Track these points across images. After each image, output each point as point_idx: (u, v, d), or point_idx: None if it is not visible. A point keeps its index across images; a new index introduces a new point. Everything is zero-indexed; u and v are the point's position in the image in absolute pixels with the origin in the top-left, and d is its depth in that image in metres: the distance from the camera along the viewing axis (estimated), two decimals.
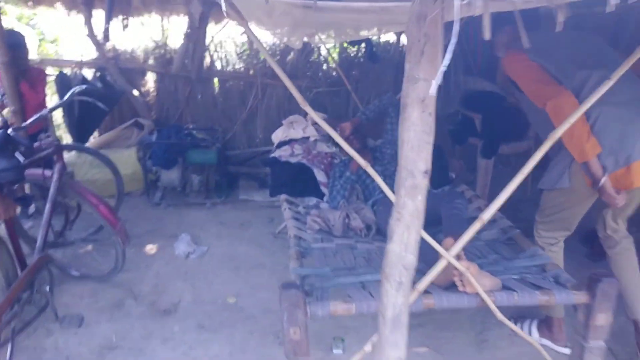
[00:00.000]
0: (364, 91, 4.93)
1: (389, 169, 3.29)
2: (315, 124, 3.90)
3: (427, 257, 2.38)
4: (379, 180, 1.74)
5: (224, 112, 5.12)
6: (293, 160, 3.58)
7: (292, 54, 4.88)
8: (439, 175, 3.46)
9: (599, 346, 1.99)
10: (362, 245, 2.70)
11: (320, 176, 3.46)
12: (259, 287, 3.22)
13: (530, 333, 2.62)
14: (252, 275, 3.36)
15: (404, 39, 4.92)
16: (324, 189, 3.40)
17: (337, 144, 3.57)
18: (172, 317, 2.88)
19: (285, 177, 3.41)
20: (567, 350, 2.52)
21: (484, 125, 4.41)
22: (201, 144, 4.57)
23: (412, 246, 1.35)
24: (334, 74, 4.95)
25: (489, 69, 4.61)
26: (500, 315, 1.94)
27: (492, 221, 2.83)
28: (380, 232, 2.90)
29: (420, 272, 2.39)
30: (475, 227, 1.78)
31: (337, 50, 5.00)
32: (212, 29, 4.91)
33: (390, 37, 4.99)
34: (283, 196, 3.30)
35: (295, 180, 3.39)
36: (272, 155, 3.72)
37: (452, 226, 2.40)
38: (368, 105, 3.49)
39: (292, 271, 2.25)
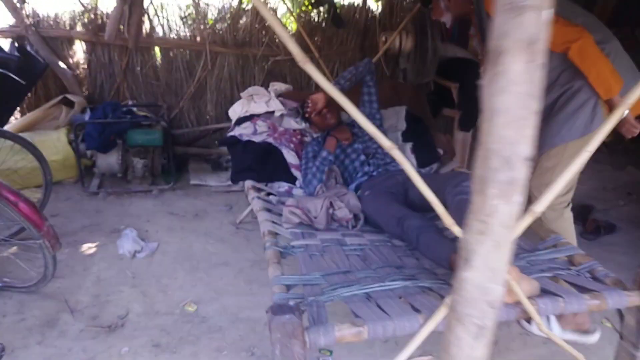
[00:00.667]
0: (327, 59, 4.44)
1: (371, 146, 2.85)
2: (280, 96, 3.39)
3: (435, 253, 1.99)
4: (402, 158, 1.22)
5: (168, 86, 4.50)
6: (257, 139, 3.07)
7: (244, 18, 4.31)
8: (426, 152, 3.06)
9: None
10: (352, 239, 2.26)
11: (290, 157, 2.98)
12: (223, 290, 2.73)
13: (550, 327, 2.26)
14: (213, 277, 2.86)
15: (371, 1, 4.45)
16: (295, 172, 2.93)
17: (308, 119, 3.09)
18: (119, 335, 2.35)
19: (249, 159, 2.90)
20: (596, 337, 2.20)
21: (462, 95, 4.05)
22: (143, 123, 3.97)
23: (501, 273, 0.90)
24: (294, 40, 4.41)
25: (460, 34, 4.23)
26: (544, 329, 1.55)
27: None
28: (368, 221, 2.47)
29: (427, 271, 2.01)
30: (526, 221, 1.36)
31: (297, 12, 4.46)
32: None
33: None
34: (248, 183, 2.80)
35: (261, 163, 2.89)
36: (231, 133, 3.19)
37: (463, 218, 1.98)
38: (341, 73, 3.01)
39: (273, 281, 1.78)
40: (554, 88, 2.26)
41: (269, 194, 2.77)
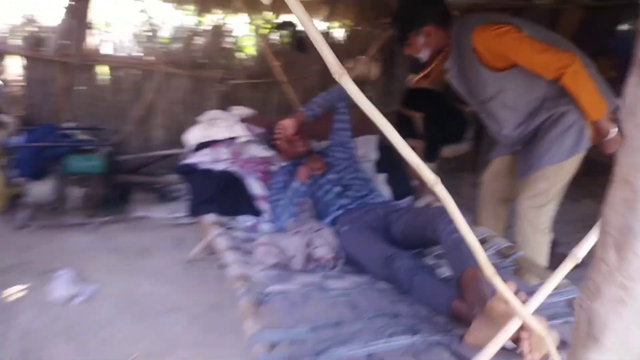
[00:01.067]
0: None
1: (346, 177, 2.61)
2: (244, 121, 3.11)
3: (434, 299, 1.75)
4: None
5: (114, 108, 4.11)
6: (218, 167, 2.76)
7: (201, 38, 4.03)
8: (401, 184, 2.85)
9: None
10: (334, 282, 1.99)
11: (256, 188, 2.68)
12: (177, 341, 2.36)
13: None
14: (165, 324, 2.48)
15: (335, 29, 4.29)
16: (262, 205, 2.62)
17: (275, 147, 2.82)
18: None
19: (210, 190, 2.58)
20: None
21: (427, 126, 3.92)
22: (84, 148, 3.58)
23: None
24: (253, 63, 4.17)
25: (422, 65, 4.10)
26: None
27: (482, 240, 2.27)
28: (348, 260, 2.20)
29: (427, 319, 1.76)
30: (567, 267, 1.15)
31: (257, 34, 4.22)
32: (99, 3, 3.90)
33: (318, 25, 4.32)
34: (209, 217, 2.48)
35: (224, 194, 2.58)
36: (188, 161, 2.86)
37: (465, 258, 1.76)
38: (313, 98, 2.77)
39: (253, 338, 1.47)
40: (539, 113, 2.23)
41: (234, 229, 2.45)
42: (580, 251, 1.22)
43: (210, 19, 4.03)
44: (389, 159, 2.97)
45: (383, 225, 2.30)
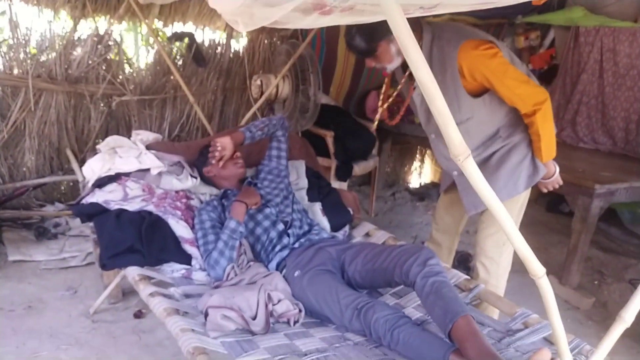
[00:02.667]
0: (183, 100, 3.85)
1: (285, 211, 2.39)
2: (149, 148, 2.73)
3: (425, 355, 1.64)
4: None
5: None
6: (131, 207, 2.38)
7: (79, 49, 3.50)
8: (338, 213, 2.70)
9: None
10: (303, 342, 1.78)
11: (180, 229, 2.34)
12: None
13: None
14: None
15: (237, 42, 4.00)
16: (189, 249, 2.30)
17: (202, 176, 2.54)
18: None
19: (130, 236, 2.19)
20: None
21: (338, 144, 3.85)
22: None
23: None
24: (145, 77, 3.73)
25: (323, 82, 4.02)
26: None
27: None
28: (308, 310, 2.00)
29: None
30: (618, 331, 1.12)
31: (148, 45, 3.79)
32: None
33: (218, 36, 4.00)
34: (133, 271, 2.11)
35: (147, 241, 2.21)
36: (91, 200, 2.43)
37: (452, 306, 1.68)
38: (252, 122, 2.53)
39: None
40: (494, 142, 2.16)
41: (167, 285, 2.10)
42: (629, 313, 1.19)
43: (91, 27, 3.52)
44: (320, 186, 2.82)
45: (339, 266, 2.13)
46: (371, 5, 1.08)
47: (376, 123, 2.51)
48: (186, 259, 2.27)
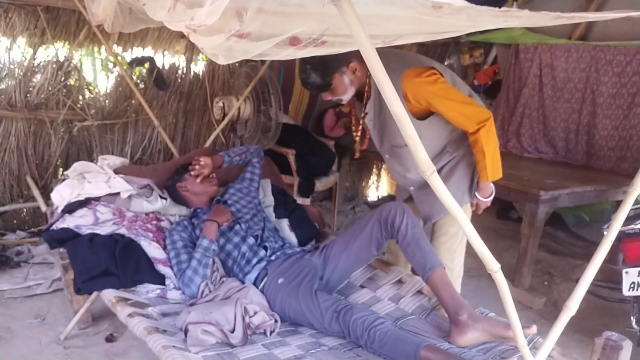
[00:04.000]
0: (145, 123, 3.89)
1: (255, 227, 2.49)
2: (116, 172, 2.77)
3: (399, 351, 1.77)
4: None
5: None
6: (102, 230, 2.42)
7: (39, 76, 3.50)
8: (304, 228, 2.81)
9: None
10: (281, 351, 1.88)
11: (153, 250, 2.40)
12: None
13: None
14: None
15: (195, 65, 4.08)
16: (162, 269, 2.36)
17: (173, 195, 2.62)
18: None
19: (104, 259, 2.22)
20: None
21: (300, 161, 3.97)
22: None
23: None
24: (106, 102, 3.76)
25: (283, 101, 4.15)
26: None
27: (399, 281, 2.35)
28: (286, 317, 2.12)
29: None
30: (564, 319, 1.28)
31: (109, 70, 3.82)
32: None
33: (177, 60, 4.07)
34: (110, 294, 2.14)
35: (122, 263, 2.25)
36: (62, 225, 2.45)
37: (430, 258, 2.05)
38: (232, 149, 2.69)
39: None
40: (442, 157, 2.31)
41: (145, 305, 2.14)
42: (573, 302, 1.34)
43: (49, 53, 3.53)
44: (286, 203, 2.92)
45: (319, 269, 2.25)
46: (342, 37, 1.21)
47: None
48: (160, 279, 2.32)
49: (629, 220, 2.63)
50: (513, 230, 4.58)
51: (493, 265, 1.21)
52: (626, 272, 2.56)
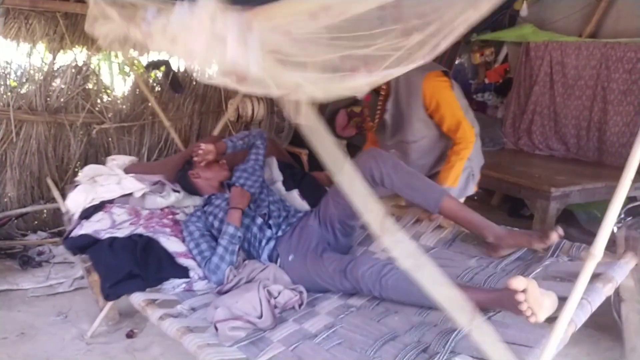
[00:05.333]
0: (161, 125, 3.95)
1: (262, 205, 2.54)
2: (128, 171, 2.84)
3: (412, 296, 1.83)
4: None
5: None
6: (122, 233, 2.47)
7: (58, 80, 3.59)
8: (314, 192, 2.91)
9: None
10: (312, 324, 1.93)
11: (172, 245, 2.46)
12: None
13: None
14: None
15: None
16: (185, 261, 2.41)
17: (185, 186, 2.69)
18: None
19: (126, 263, 2.27)
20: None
21: (312, 162, 4.01)
22: None
23: None
24: (123, 105, 3.84)
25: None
26: None
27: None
28: (307, 288, 2.17)
29: (424, 327, 1.76)
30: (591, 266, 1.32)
31: (125, 74, 3.90)
32: None
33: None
34: (138, 299, 2.19)
35: (144, 264, 2.31)
36: (80, 232, 2.50)
37: (432, 190, 2.19)
38: (234, 134, 2.76)
39: None
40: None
41: (173, 304, 2.20)
42: (597, 249, 1.35)
43: (68, 58, 3.61)
44: (293, 175, 2.99)
45: (320, 237, 2.31)
46: None
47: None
48: (183, 272, 2.39)
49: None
50: (525, 227, 4.55)
51: None
52: None
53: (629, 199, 3.67)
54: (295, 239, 2.34)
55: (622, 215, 2.70)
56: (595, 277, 1.68)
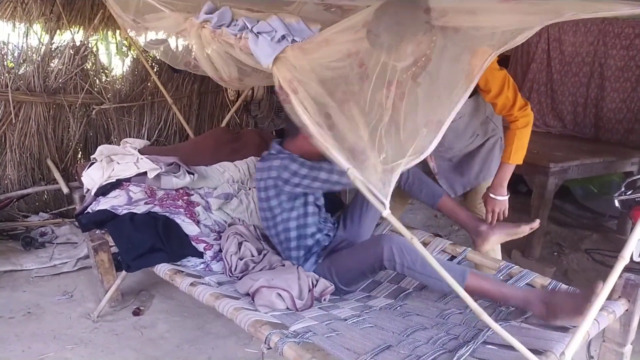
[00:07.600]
0: (161, 105, 3.92)
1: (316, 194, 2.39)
2: (143, 153, 2.82)
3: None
4: None
5: None
6: (139, 210, 2.49)
7: (56, 61, 3.54)
8: (332, 200, 2.86)
9: (630, 349, 1.90)
10: (340, 312, 1.98)
11: (188, 228, 2.51)
12: None
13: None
14: None
15: None
16: (197, 246, 2.42)
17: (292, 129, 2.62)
18: None
19: (150, 236, 2.34)
20: None
21: None
22: None
23: None
24: (122, 85, 3.80)
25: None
26: None
27: (423, 243, 2.42)
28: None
29: (450, 313, 1.82)
30: (619, 268, 1.39)
31: (124, 54, 3.85)
32: None
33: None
34: (164, 269, 2.22)
35: (167, 240, 2.33)
36: (98, 207, 2.51)
37: (436, 189, 2.41)
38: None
39: None
40: (488, 129, 2.48)
41: (201, 276, 2.22)
42: (627, 252, 1.36)
43: (66, 38, 3.56)
44: None
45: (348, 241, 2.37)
46: None
47: None
48: (199, 253, 2.44)
49: (639, 189, 2.66)
50: (522, 204, 4.61)
51: None
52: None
53: (625, 174, 3.69)
54: (334, 256, 2.25)
55: (623, 189, 2.72)
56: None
